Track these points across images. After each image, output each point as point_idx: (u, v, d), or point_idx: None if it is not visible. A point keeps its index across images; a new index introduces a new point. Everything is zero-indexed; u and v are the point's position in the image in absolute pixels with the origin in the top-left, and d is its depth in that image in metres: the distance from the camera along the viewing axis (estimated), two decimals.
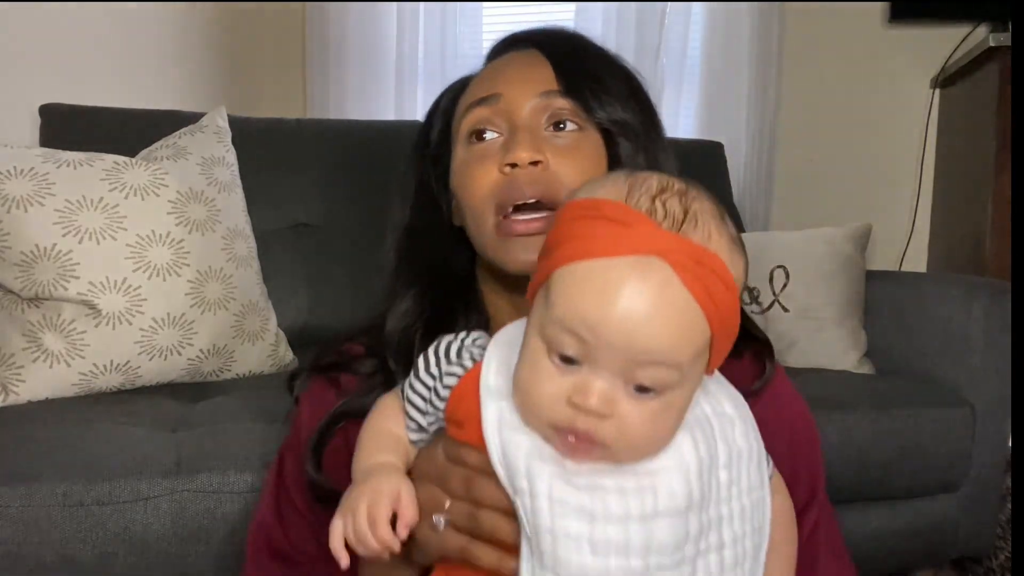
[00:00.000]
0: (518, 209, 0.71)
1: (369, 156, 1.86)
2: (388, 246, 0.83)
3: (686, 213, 0.50)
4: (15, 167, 1.36)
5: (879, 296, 1.73)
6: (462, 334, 0.61)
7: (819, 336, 1.67)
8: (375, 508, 0.54)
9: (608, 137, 0.75)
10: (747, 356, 0.76)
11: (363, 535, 0.54)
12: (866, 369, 1.67)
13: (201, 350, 1.43)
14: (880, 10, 2.31)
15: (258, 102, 2.18)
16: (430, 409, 0.59)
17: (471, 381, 0.55)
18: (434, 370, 0.59)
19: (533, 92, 0.74)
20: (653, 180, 0.52)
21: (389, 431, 0.62)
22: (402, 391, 0.62)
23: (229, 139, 1.65)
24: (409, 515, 0.54)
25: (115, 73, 2.06)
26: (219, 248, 1.48)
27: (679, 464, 0.51)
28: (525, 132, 0.72)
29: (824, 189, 2.34)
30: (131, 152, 1.52)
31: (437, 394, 0.59)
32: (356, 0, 2.26)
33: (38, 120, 1.77)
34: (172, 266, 1.40)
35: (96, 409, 1.26)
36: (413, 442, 0.62)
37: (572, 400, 0.49)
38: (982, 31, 2.15)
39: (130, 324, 1.36)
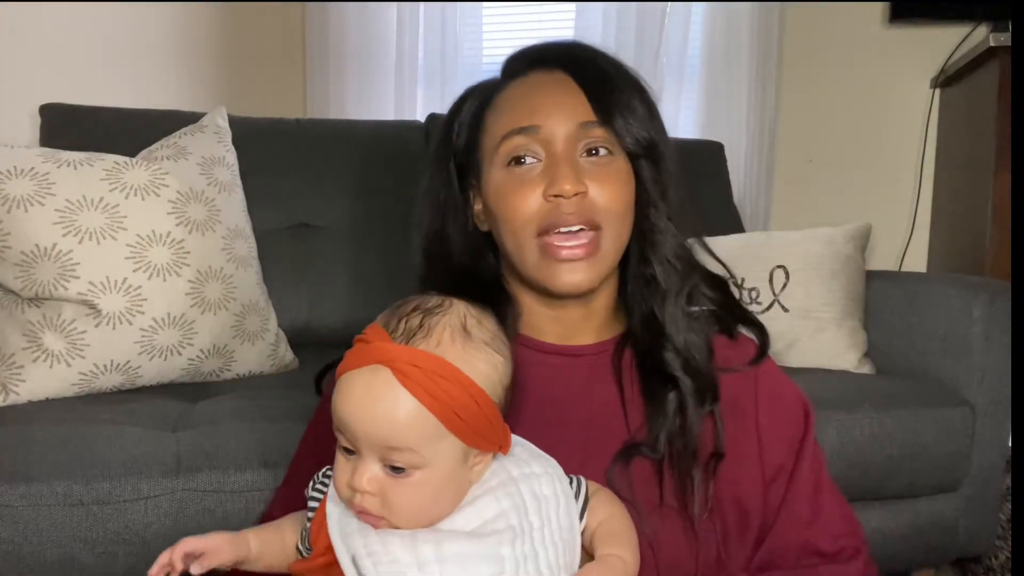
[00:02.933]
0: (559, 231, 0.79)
1: (369, 156, 1.86)
2: (414, 250, 0.89)
3: (420, 326, 0.65)
4: (15, 167, 1.36)
5: (879, 296, 1.73)
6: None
7: (819, 336, 1.67)
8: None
9: (632, 157, 0.82)
10: (743, 339, 0.88)
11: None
12: (866, 369, 1.67)
13: (201, 350, 1.43)
14: (880, 10, 2.31)
15: (258, 102, 2.18)
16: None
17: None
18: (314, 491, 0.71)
19: (571, 123, 0.80)
20: (412, 303, 0.67)
21: (280, 529, 0.73)
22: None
23: (229, 139, 1.65)
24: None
25: (115, 73, 2.06)
26: (219, 248, 1.48)
27: (479, 516, 0.64)
28: (567, 164, 0.79)
29: (824, 189, 2.34)
30: (131, 152, 1.52)
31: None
32: (356, 0, 2.26)
33: (38, 120, 1.77)
34: (172, 266, 1.40)
35: (96, 409, 1.26)
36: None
37: (350, 484, 0.63)
38: (982, 31, 2.15)
39: (130, 324, 1.36)
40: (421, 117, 2.16)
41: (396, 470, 0.62)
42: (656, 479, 0.79)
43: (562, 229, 0.79)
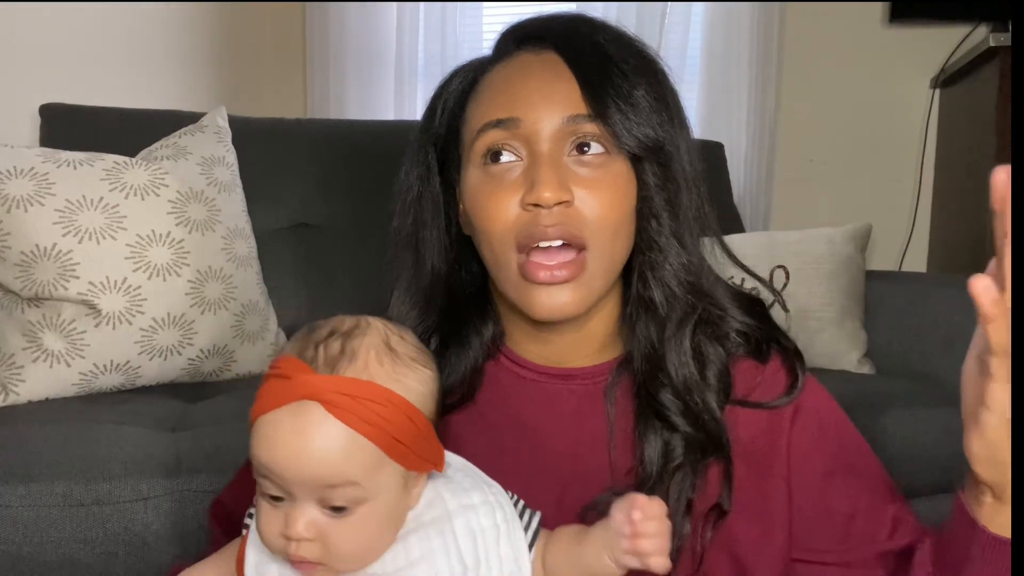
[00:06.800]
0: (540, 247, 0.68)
1: (369, 156, 1.86)
2: (390, 255, 0.78)
3: (342, 352, 0.59)
4: (15, 167, 1.36)
5: (879, 296, 1.73)
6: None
7: (819, 336, 1.67)
8: None
9: (633, 159, 0.70)
10: (775, 362, 0.76)
11: None
12: (866, 369, 1.67)
13: (201, 350, 1.43)
14: (880, 10, 2.31)
15: (258, 102, 2.18)
16: None
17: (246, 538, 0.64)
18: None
19: (558, 116, 0.68)
20: (325, 329, 0.61)
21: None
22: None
23: (229, 139, 1.65)
24: None
25: (115, 73, 2.06)
26: (219, 248, 1.48)
27: (405, 555, 0.60)
28: (549, 167, 0.67)
29: (824, 189, 2.35)
30: (131, 152, 1.52)
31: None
32: (356, 0, 2.26)
33: (38, 120, 1.77)
34: (172, 266, 1.40)
35: (96, 409, 1.26)
36: None
37: (283, 533, 0.58)
38: (982, 31, 2.15)
39: (130, 324, 1.36)
40: (421, 117, 2.16)
41: (336, 510, 0.57)
42: None
43: (541, 244, 0.67)
